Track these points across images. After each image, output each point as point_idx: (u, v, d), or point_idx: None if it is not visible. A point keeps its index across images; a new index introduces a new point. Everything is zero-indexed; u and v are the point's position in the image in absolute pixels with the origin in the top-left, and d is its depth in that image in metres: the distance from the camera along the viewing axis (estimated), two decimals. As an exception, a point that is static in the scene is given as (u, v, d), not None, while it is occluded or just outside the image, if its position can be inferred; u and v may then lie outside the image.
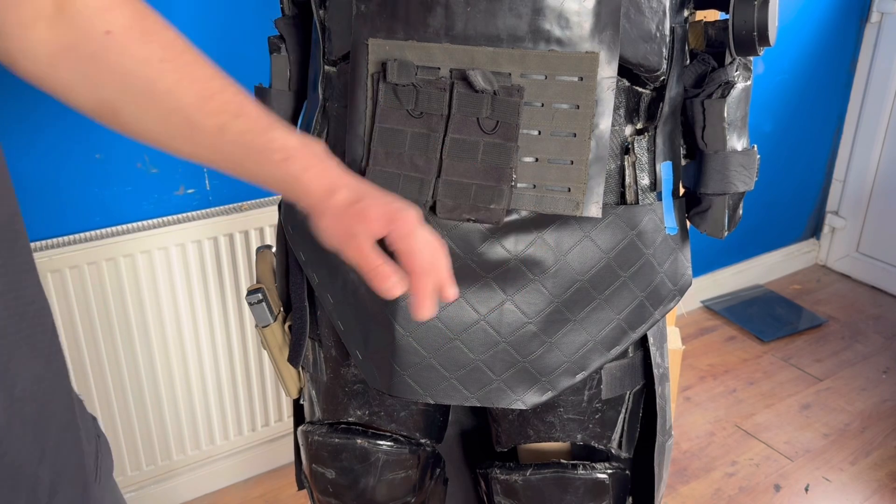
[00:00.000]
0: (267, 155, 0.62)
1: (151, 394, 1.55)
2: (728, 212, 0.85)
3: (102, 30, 0.55)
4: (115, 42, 0.55)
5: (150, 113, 0.58)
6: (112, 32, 0.55)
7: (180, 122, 0.59)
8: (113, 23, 0.55)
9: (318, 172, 0.63)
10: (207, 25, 1.41)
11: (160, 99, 0.58)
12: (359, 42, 0.76)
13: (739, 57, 0.81)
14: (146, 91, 0.57)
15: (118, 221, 1.45)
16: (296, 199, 0.65)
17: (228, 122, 0.60)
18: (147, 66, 0.57)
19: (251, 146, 0.61)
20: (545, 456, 0.93)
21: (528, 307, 0.79)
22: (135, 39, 0.56)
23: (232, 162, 0.62)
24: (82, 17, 0.54)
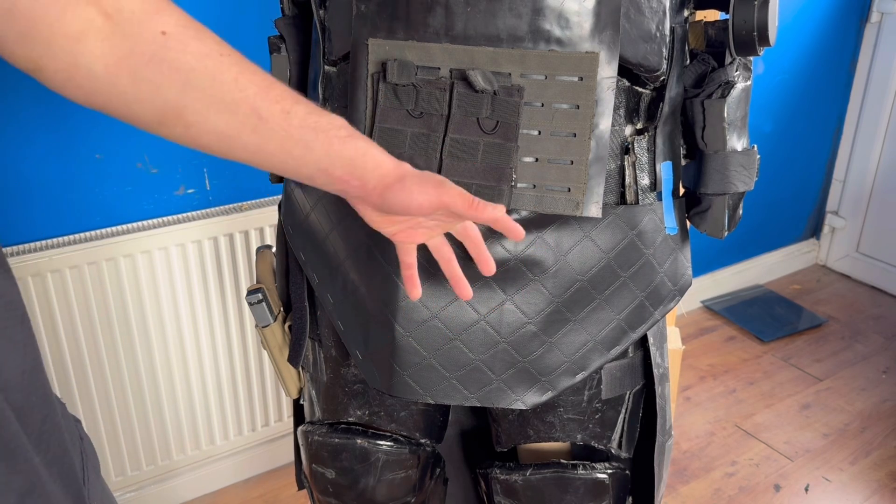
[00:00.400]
0: (334, 132, 0.63)
1: (151, 394, 1.55)
2: (728, 212, 0.85)
3: (158, 31, 0.54)
4: (172, 41, 0.55)
5: (216, 106, 0.58)
6: (167, 32, 0.55)
7: (247, 111, 0.59)
8: (166, 23, 0.55)
9: (379, 148, 0.65)
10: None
11: (226, 90, 0.57)
12: (359, 42, 0.76)
13: (739, 57, 0.81)
14: (211, 84, 0.57)
15: (118, 221, 1.45)
16: (362, 175, 0.65)
17: (292, 106, 0.60)
18: (209, 59, 0.57)
19: (318, 126, 0.62)
20: (545, 456, 0.93)
21: (528, 307, 0.79)
22: (191, 36, 0.56)
23: (300, 147, 0.62)
24: (134, 22, 0.53)
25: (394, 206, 0.66)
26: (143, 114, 0.56)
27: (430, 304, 0.79)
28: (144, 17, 0.54)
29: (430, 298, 0.79)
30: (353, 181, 0.65)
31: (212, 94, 0.57)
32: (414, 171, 0.67)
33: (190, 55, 0.56)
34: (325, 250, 0.86)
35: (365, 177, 0.65)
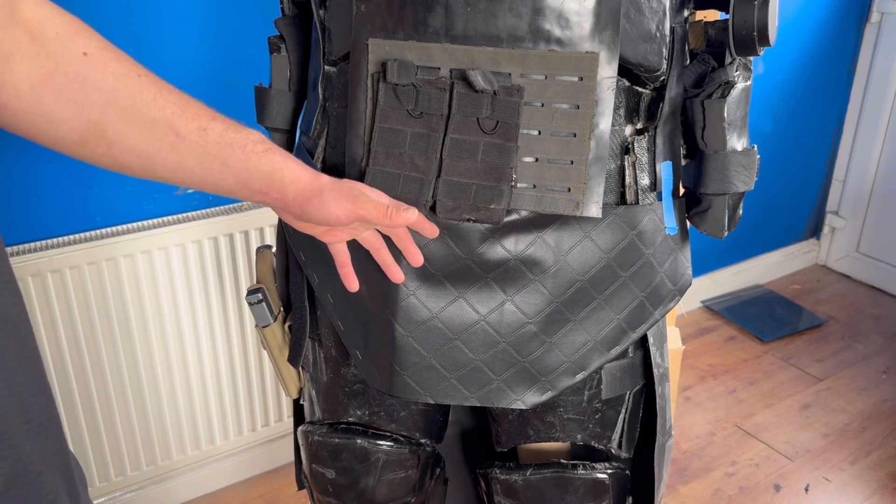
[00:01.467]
0: (251, 147, 0.66)
1: (151, 394, 1.55)
2: (728, 212, 0.85)
3: (80, 52, 0.57)
4: (93, 61, 0.58)
5: (135, 125, 0.60)
6: (89, 53, 0.57)
7: (165, 129, 0.62)
8: (87, 45, 0.57)
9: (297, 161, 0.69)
10: (207, 26, 1.42)
11: (145, 109, 0.60)
12: (359, 42, 0.76)
13: (739, 57, 0.81)
14: (131, 103, 0.60)
15: (118, 221, 1.45)
16: (280, 189, 0.68)
17: (209, 123, 0.63)
18: (128, 79, 0.60)
19: (234, 142, 0.65)
20: (545, 456, 0.93)
21: (528, 307, 0.79)
22: (111, 57, 0.59)
23: (217, 163, 0.65)
24: (57, 43, 0.56)
25: (313, 218, 0.70)
26: (67, 134, 0.59)
27: (430, 305, 0.79)
28: (67, 38, 0.56)
29: (429, 298, 0.79)
30: (272, 193, 0.69)
31: (131, 112, 0.60)
32: (331, 184, 0.70)
33: (110, 75, 0.58)
34: (325, 250, 0.86)
35: (284, 189, 0.68)
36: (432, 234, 0.75)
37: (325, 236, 0.76)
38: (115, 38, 1.33)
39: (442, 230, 0.76)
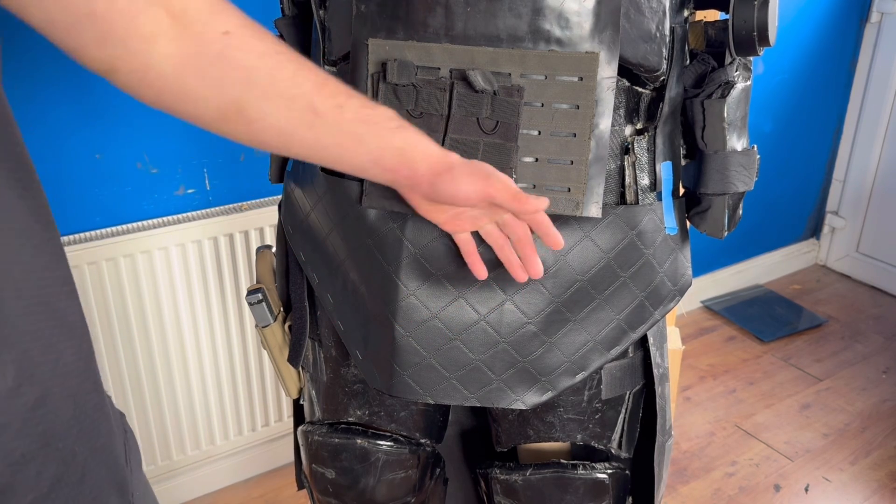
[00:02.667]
0: (385, 124, 0.65)
1: (151, 394, 1.55)
2: (728, 212, 0.85)
3: (221, 31, 0.57)
4: (234, 40, 0.57)
5: (275, 102, 0.60)
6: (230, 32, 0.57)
7: (304, 106, 0.61)
8: (228, 23, 0.57)
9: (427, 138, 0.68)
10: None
11: (284, 87, 0.60)
12: (359, 42, 0.76)
13: (739, 57, 0.81)
14: (270, 81, 0.59)
15: (118, 221, 1.45)
16: (411, 165, 0.67)
17: (345, 101, 0.63)
18: (268, 57, 0.59)
19: (369, 119, 0.64)
20: (545, 456, 0.93)
21: (528, 307, 0.79)
22: (251, 36, 0.59)
23: (352, 139, 0.64)
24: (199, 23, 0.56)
25: (442, 195, 0.68)
26: (208, 112, 0.59)
27: (429, 304, 0.79)
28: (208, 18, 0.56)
29: (429, 298, 0.79)
30: (403, 170, 0.67)
31: (271, 90, 0.60)
32: (462, 161, 0.68)
33: (251, 53, 0.58)
34: (325, 250, 0.86)
35: (414, 166, 0.67)
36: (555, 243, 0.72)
37: (448, 224, 0.73)
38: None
39: (440, 230, 0.76)
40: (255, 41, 0.59)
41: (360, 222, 0.79)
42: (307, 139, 0.63)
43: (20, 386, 0.42)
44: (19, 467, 0.43)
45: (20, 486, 0.43)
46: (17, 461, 0.42)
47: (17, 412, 0.42)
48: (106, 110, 1.37)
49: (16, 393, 0.42)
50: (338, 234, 0.83)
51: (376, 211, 0.78)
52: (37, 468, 0.44)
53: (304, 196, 0.87)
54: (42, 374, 0.44)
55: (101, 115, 1.37)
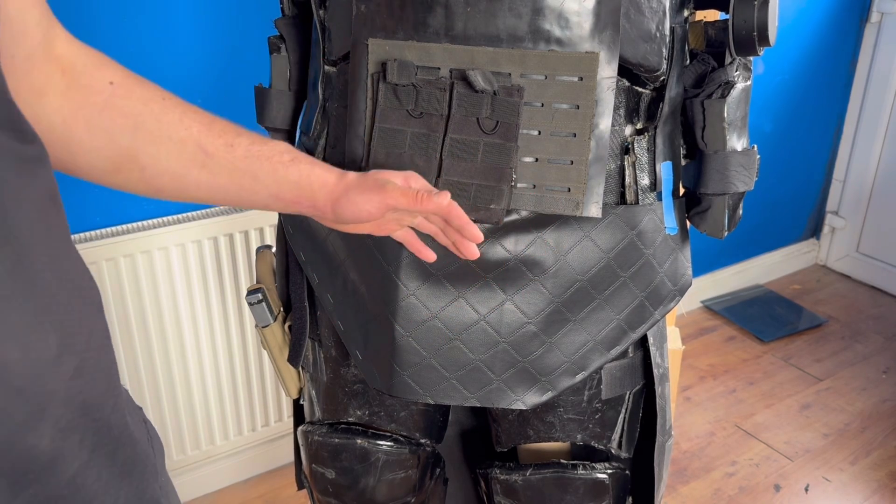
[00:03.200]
0: (277, 158, 0.67)
1: (151, 394, 1.55)
2: (728, 212, 0.85)
3: (106, 81, 0.60)
4: (119, 89, 0.60)
5: (164, 145, 0.63)
6: (115, 83, 0.60)
7: (194, 148, 0.64)
8: (112, 75, 0.60)
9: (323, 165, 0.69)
10: (208, 25, 1.41)
11: (172, 130, 0.62)
12: (359, 42, 0.76)
13: (739, 57, 0.81)
14: (157, 125, 0.62)
15: (118, 221, 1.45)
16: (310, 196, 0.69)
17: (234, 139, 0.65)
18: (153, 103, 0.62)
19: (261, 155, 0.66)
20: (545, 456, 0.93)
21: (528, 307, 0.79)
22: (135, 84, 0.61)
23: (248, 177, 0.66)
24: (86, 76, 0.59)
25: (345, 219, 0.70)
26: (101, 163, 0.62)
27: (429, 305, 0.79)
28: (94, 70, 0.59)
29: (429, 298, 0.79)
30: (304, 202, 0.69)
31: (159, 134, 0.62)
32: (356, 181, 0.69)
33: (136, 100, 0.61)
34: (325, 250, 0.86)
35: (314, 197, 0.69)
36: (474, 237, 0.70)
37: (377, 231, 0.74)
38: (115, 40, 1.33)
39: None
40: (139, 89, 0.61)
41: (360, 222, 0.79)
42: (202, 180, 0.65)
43: (62, 355, 0.44)
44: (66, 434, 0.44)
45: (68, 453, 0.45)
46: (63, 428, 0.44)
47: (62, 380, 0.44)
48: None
49: (59, 361, 0.44)
50: (338, 234, 0.83)
51: (376, 211, 0.78)
52: (79, 436, 0.46)
53: (304, 196, 0.87)
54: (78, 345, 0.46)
55: (101, 115, 1.37)
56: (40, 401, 0.42)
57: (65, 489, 0.45)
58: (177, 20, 1.39)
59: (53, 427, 0.43)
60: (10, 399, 0.41)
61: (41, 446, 0.43)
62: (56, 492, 0.44)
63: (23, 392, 0.41)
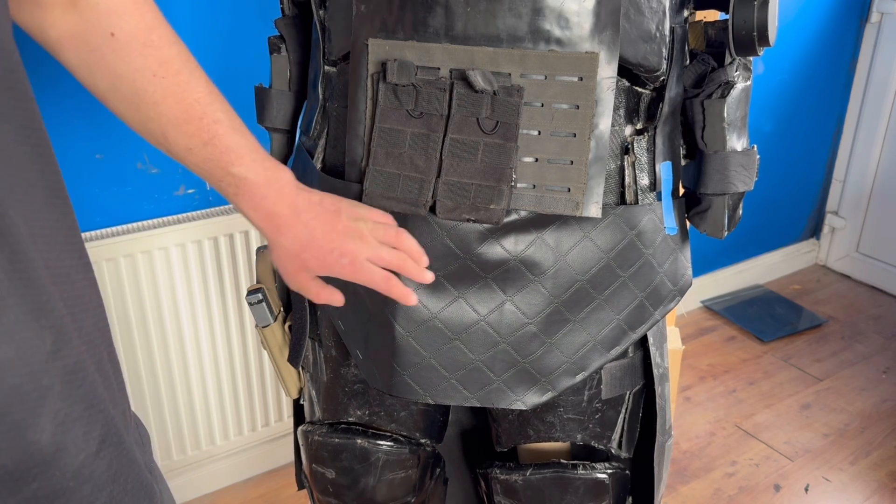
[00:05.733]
0: (222, 186, 0.69)
1: (151, 394, 1.55)
2: (728, 212, 0.85)
3: (108, 31, 0.60)
4: (116, 45, 0.60)
5: (132, 115, 0.64)
6: (116, 36, 0.60)
7: (155, 131, 0.65)
8: (119, 27, 0.60)
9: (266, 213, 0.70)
10: (208, 26, 1.41)
11: (144, 108, 0.63)
12: (359, 42, 0.76)
13: (739, 57, 0.81)
14: (133, 97, 0.63)
15: (118, 221, 1.45)
16: None
17: (197, 147, 0.66)
18: (140, 75, 0.62)
19: (210, 173, 0.68)
20: (545, 456, 0.93)
21: (528, 307, 0.79)
22: (135, 49, 0.61)
23: (198, 174, 0.69)
24: (93, 13, 0.59)
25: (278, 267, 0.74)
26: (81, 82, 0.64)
27: (430, 305, 0.79)
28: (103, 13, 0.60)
29: (429, 299, 0.79)
30: None
31: (131, 104, 0.64)
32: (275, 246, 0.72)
33: (125, 65, 0.61)
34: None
35: None
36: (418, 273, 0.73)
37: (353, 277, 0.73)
38: (115, 39, 1.33)
39: (441, 230, 0.76)
40: (136, 55, 0.61)
41: (360, 222, 0.79)
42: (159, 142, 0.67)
43: (59, 350, 0.45)
44: (66, 428, 0.45)
45: (70, 445, 0.46)
46: (63, 422, 0.45)
47: (58, 375, 0.45)
48: (106, 110, 1.37)
49: (56, 356, 0.44)
50: (338, 234, 0.83)
51: (376, 211, 0.78)
52: (83, 428, 0.47)
53: (304, 196, 0.87)
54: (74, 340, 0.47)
55: (101, 115, 1.37)
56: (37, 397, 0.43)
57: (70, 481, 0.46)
58: (177, 20, 1.39)
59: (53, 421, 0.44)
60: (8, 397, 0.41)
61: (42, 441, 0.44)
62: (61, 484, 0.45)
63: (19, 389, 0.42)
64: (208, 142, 0.66)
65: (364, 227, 0.70)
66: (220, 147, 0.67)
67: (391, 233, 0.71)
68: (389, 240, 0.71)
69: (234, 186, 0.68)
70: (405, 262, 0.72)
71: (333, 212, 0.70)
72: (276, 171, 0.70)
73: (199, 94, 0.65)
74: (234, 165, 0.67)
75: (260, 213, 0.70)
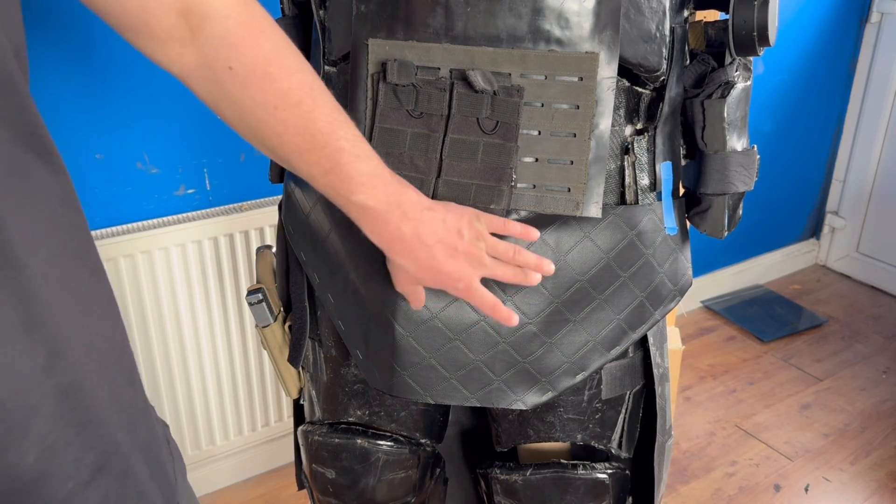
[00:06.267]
0: (345, 210, 0.69)
1: (152, 394, 1.55)
2: (728, 212, 0.85)
3: (226, 65, 0.60)
4: (235, 78, 0.60)
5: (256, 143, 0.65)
6: (234, 69, 0.60)
7: (281, 158, 0.66)
8: (237, 60, 0.60)
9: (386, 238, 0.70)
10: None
11: (266, 138, 0.64)
12: (359, 42, 0.76)
13: (739, 57, 0.81)
14: (257, 129, 0.63)
15: (118, 221, 1.45)
16: None
17: (318, 175, 0.66)
18: (261, 109, 0.62)
19: (333, 199, 0.68)
20: (545, 456, 0.93)
21: (528, 307, 0.79)
22: (254, 82, 0.61)
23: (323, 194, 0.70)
24: (211, 46, 0.59)
25: None
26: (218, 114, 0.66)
27: (430, 305, 0.79)
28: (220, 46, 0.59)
29: (429, 299, 0.79)
30: None
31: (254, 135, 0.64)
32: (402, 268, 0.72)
33: (246, 97, 0.61)
34: (326, 250, 0.86)
35: None
36: None
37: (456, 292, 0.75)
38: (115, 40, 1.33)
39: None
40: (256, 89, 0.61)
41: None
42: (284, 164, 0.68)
43: (52, 367, 0.42)
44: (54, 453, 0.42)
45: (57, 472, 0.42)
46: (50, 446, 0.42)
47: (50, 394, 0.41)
48: (106, 110, 1.37)
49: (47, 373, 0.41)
50: (337, 234, 0.83)
51: (376, 211, 0.78)
52: (74, 454, 0.43)
53: (304, 196, 0.87)
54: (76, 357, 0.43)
55: (101, 115, 1.37)
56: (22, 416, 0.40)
57: None
58: (177, 20, 1.39)
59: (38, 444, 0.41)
60: None
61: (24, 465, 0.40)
62: None
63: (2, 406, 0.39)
64: (329, 171, 0.65)
65: (483, 246, 0.71)
66: (342, 176, 0.66)
67: (509, 253, 0.72)
68: (508, 258, 0.72)
69: (355, 213, 0.68)
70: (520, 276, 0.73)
71: (456, 232, 0.70)
72: (400, 194, 0.68)
73: (322, 124, 0.64)
74: (354, 194, 0.67)
75: (382, 237, 0.69)
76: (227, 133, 1.51)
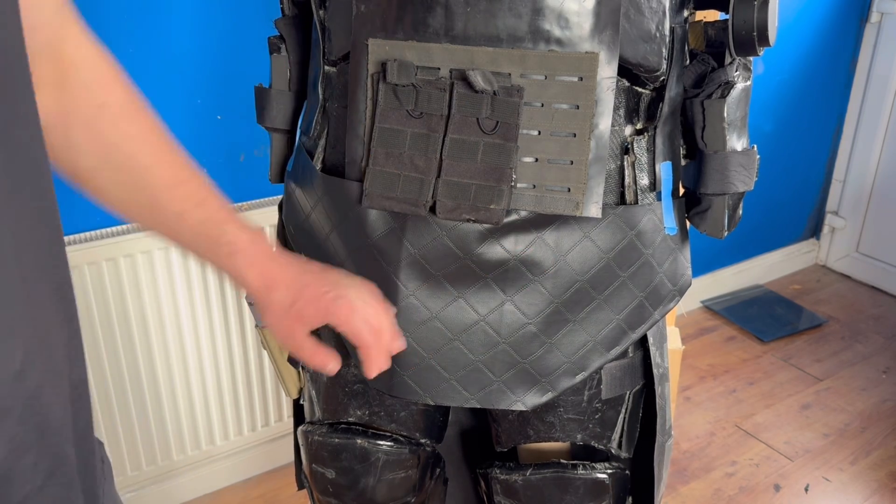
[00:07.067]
0: (217, 247, 0.67)
1: (151, 394, 1.55)
2: (728, 212, 0.85)
3: (98, 102, 0.60)
4: (107, 114, 0.60)
5: (123, 185, 0.63)
6: (106, 106, 0.60)
7: (147, 200, 0.64)
8: (108, 98, 0.60)
9: (260, 270, 0.69)
10: (208, 26, 1.41)
11: (136, 174, 0.63)
12: (359, 42, 0.76)
13: (739, 57, 0.81)
14: (125, 165, 0.62)
15: (118, 222, 1.45)
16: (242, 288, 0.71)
17: (189, 210, 0.65)
18: (131, 142, 0.62)
19: (205, 235, 0.67)
20: (545, 456, 0.93)
21: (528, 308, 0.79)
22: (125, 116, 0.61)
23: (186, 244, 0.68)
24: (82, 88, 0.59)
25: None
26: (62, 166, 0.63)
27: (429, 305, 0.79)
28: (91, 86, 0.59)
29: (429, 299, 0.79)
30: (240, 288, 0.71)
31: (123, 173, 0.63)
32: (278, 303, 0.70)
33: (117, 132, 0.61)
34: (326, 251, 0.86)
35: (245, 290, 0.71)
36: None
37: None
38: (115, 39, 1.33)
39: (441, 230, 0.77)
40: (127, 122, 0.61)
41: (360, 223, 0.79)
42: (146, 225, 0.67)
43: (24, 371, 0.43)
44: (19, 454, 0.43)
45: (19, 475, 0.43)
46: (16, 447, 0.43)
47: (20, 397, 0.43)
48: (106, 110, 1.37)
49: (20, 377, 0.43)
50: (338, 234, 0.83)
51: (376, 211, 0.78)
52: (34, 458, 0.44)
53: (305, 196, 0.87)
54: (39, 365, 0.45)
55: (101, 116, 1.37)
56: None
57: None
58: (177, 20, 1.39)
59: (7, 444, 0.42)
60: None
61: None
62: None
63: None
64: (201, 203, 0.65)
65: None
66: (214, 206, 0.66)
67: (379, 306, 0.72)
68: None
69: (229, 245, 0.67)
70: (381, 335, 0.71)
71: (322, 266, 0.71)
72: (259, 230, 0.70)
73: (182, 159, 0.65)
74: (228, 222, 0.67)
75: (255, 269, 0.68)
76: (227, 133, 1.51)
